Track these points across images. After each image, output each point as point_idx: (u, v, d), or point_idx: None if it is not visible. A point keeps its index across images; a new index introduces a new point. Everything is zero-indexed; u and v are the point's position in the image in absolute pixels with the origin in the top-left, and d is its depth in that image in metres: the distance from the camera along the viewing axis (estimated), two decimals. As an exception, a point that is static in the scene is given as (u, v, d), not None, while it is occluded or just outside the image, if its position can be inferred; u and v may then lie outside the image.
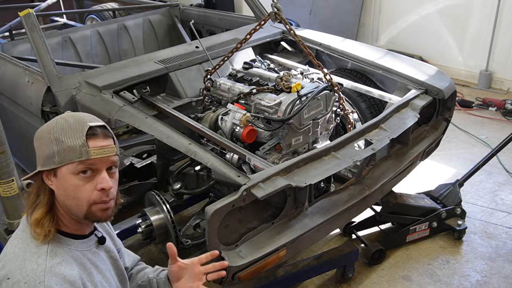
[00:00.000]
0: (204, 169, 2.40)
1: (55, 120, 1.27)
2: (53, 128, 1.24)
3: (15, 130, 3.02)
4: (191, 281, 1.44)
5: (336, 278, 2.70)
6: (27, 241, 1.24)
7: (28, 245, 1.22)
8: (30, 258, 1.19)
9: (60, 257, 1.22)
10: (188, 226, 2.45)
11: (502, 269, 2.77)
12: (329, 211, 2.21)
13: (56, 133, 1.22)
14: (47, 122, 1.30)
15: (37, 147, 1.27)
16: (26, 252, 1.21)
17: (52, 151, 1.22)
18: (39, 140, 1.26)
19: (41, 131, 1.27)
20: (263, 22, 2.66)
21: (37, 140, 1.27)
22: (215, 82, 2.68)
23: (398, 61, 3.02)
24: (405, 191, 3.01)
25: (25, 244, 1.23)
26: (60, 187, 1.24)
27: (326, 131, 2.65)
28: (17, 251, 1.22)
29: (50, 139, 1.23)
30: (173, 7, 4.51)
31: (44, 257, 1.20)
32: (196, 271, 1.46)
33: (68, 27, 4.74)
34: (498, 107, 4.75)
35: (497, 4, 4.98)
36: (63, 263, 1.21)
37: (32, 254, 1.20)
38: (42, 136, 1.25)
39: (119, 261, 1.48)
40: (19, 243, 1.24)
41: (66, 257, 1.23)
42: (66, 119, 1.26)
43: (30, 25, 2.71)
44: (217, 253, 1.53)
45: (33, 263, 1.18)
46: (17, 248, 1.23)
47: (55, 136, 1.22)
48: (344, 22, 6.16)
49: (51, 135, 1.23)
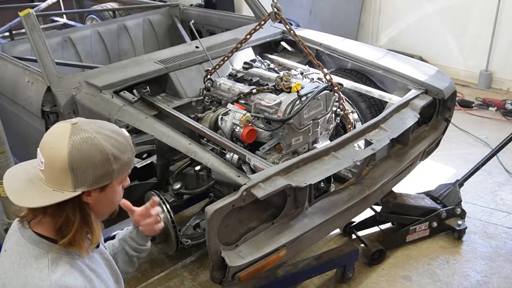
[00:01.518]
0: (204, 169, 2.40)
1: (98, 137, 1.18)
2: (107, 146, 1.18)
3: (15, 130, 3.02)
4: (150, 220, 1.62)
5: (336, 278, 2.71)
6: (25, 256, 1.19)
7: (27, 260, 1.18)
8: (33, 274, 1.16)
9: (62, 268, 1.19)
10: (188, 226, 2.45)
11: (502, 269, 2.77)
12: (329, 211, 2.21)
13: (113, 152, 1.19)
14: (85, 142, 1.17)
15: (84, 169, 1.16)
16: (27, 267, 1.17)
17: (110, 169, 1.19)
18: (86, 160, 1.16)
19: (89, 152, 1.16)
20: (263, 22, 2.66)
21: (82, 161, 1.16)
22: (215, 82, 2.68)
23: (398, 61, 3.02)
24: (405, 191, 3.01)
25: (23, 259, 1.19)
26: (104, 198, 1.24)
27: (326, 131, 2.65)
28: (16, 268, 1.18)
29: (107, 159, 1.18)
30: (173, 7, 4.51)
31: (46, 271, 1.16)
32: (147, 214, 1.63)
33: (68, 27, 4.74)
34: (498, 107, 4.75)
35: (497, 4, 4.98)
36: (66, 274, 1.18)
37: (33, 270, 1.16)
38: (93, 156, 1.16)
39: (112, 261, 1.48)
40: (17, 258, 1.19)
41: (67, 267, 1.21)
42: (111, 136, 1.21)
43: (30, 25, 2.71)
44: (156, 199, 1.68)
45: (37, 279, 1.15)
46: (15, 264, 1.18)
47: (114, 155, 1.19)
48: (344, 22, 6.16)
49: (107, 155, 1.18)
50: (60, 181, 1.16)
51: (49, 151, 1.17)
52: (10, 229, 1.30)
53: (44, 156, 1.17)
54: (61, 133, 1.18)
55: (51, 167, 1.16)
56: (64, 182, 1.16)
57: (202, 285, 2.73)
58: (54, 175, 1.16)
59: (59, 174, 1.16)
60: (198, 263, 2.89)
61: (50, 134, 1.21)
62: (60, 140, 1.16)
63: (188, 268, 2.86)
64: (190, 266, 2.87)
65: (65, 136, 1.16)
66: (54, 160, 1.15)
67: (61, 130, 1.19)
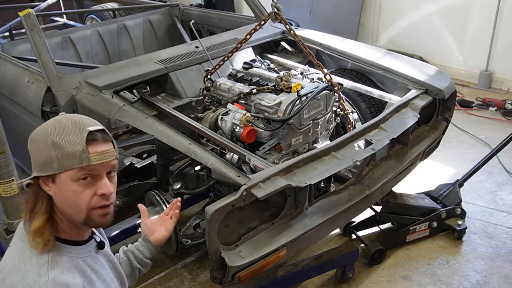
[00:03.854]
0: (204, 169, 2.40)
1: (50, 123, 1.21)
2: (50, 132, 1.18)
3: (15, 130, 3.02)
4: (162, 226, 1.66)
5: (336, 278, 2.70)
6: (26, 251, 1.20)
7: (28, 256, 1.19)
8: (31, 269, 1.16)
9: (62, 266, 1.19)
10: (188, 226, 2.45)
11: (502, 269, 2.77)
12: (329, 211, 2.21)
13: (54, 138, 1.17)
14: (41, 125, 1.23)
15: (32, 151, 1.21)
16: (27, 263, 1.17)
17: (50, 157, 1.17)
18: (33, 143, 1.21)
19: (35, 134, 1.21)
20: (263, 22, 2.66)
21: (31, 143, 1.22)
22: (215, 82, 2.68)
23: (398, 61, 3.02)
24: (405, 191, 3.01)
25: (24, 255, 1.19)
26: (59, 193, 1.20)
27: (326, 131, 2.65)
28: (16, 263, 1.18)
29: (47, 144, 1.17)
30: (173, 7, 4.51)
31: (46, 267, 1.16)
32: (164, 219, 1.68)
33: (68, 27, 4.74)
34: (498, 107, 4.75)
35: (497, 4, 4.98)
36: (65, 272, 1.18)
37: (33, 265, 1.17)
38: (37, 139, 1.20)
39: (118, 264, 1.47)
40: (19, 254, 1.20)
41: (68, 266, 1.21)
42: (63, 123, 1.20)
43: (30, 25, 2.71)
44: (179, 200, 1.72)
45: (35, 274, 1.15)
46: (16, 260, 1.19)
47: (53, 141, 1.17)
48: (344, 22, 6.16)
49: (48, 140, 1.17)
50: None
51: None
52: (19, 225, 1.31)
53: None
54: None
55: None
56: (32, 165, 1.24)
57: (202, 285, 2.73)
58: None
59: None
60: (198, 263, 2.89)
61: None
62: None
63: (188, 268, 2.86)
64: (190, 266, 2.87)
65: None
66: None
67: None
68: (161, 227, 1.65)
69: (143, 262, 1.63)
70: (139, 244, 1.64)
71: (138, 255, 1.62)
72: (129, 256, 1.62)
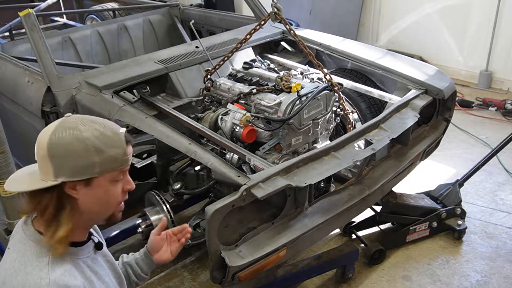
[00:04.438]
0: (204, 169, 2.40)
1: (81, 128, 1.18)
2: (89, 137, 1.17)
3: (15, 130, 3.02)
4: (168, 247, 1.63)
5: (336, 278, 2.70)
6: (26, 253, 1.19)
7: (28, 258, 1.18)
8: (32, 272, 1.16)
9: (63, 267, 1.19)
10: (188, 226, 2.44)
11: (502, 269, 2.77)
12: (329, 211, 2.21)
13: (96, 143, 1.17)
14: (66, 131, 1.17)
15: (63, 156, 1.16)
16: (27, 265, 1.17)
17: (91, 162, 1.16)
18: (64, 148, 1.16)
19: (69, 140, 1.16)
20: (263, 22, 2.66)
21: (60, 148, 1.16)
22: (215, 82, 2.68)
23: (398, 61, 3.02)
24: (405, 191, 3.01)
25: (25, 257, 1.19)
26: (91, 195, 1.21)
27: (326, 131, 2.65)
28: (16, 265, 1.18)
29: (88, 149, 1.16)
30: (173, 7, 4.51)
31: (46, 270, 1.16)
32: (172, 239, 1.65)
33: (68, 27, 4.74)
34: (498, 107, 4.75)
35: (497, 4, 4.98)
36: (66, 274, 1.18)
37: (33, 268, 1.17)
38: (72, 144, 1.16)
39: (116, 264, 1.47)
40: (19, 256, 1.20)
41: (68, 267, 1.21)
42: (97, 128, 1.19)
43: (30, 25, 2.71)
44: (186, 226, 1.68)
45: (36, 277, 1.15)
46: (16, 262, 1.19)
47: (95, 146, 1.17)
48: (344, 22, 6.16)
49: (87, 145, 1.16)
50: (44, 170, 1.18)
51: (37, 140, 1.21)
52: (16, 227, 1.30)
53: (35, 145, 1.21)
54: (51, 125, 1.21)
55: (37, 155, 1.20)
56: (47, 170, 1.18)
57: (202, 285, 2.73)
58: (40, 164, 1.19)
59: (42, 162, 1.18)
60: (198, 263, 2.89)
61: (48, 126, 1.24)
62: (46, 130, 1.20)
63: (188, 268, 2.86)
64: (190, 266, 2.87)
65: (52, 126, 1.20)
66: (38, 148, 1.19)
67: (53, 123, 1.22)
68: (167, 246, 1.63)
69: (140, 277, 1.62)
70: (139, 258, 1.62)
71: (137, 270, 1.61)
72: (128, 269, 1.61)
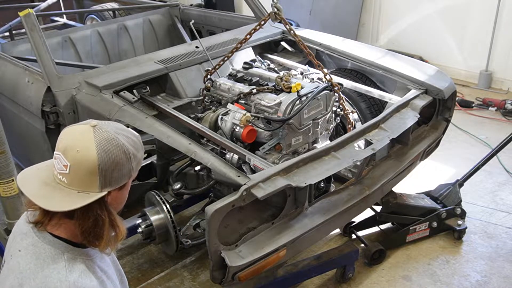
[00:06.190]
0: (204, 169, 2.40)
1: (120, 138, 1.21)
2: (127, 146, 1.21)
3: (15, 130, 3.02)
4: None
5: (336, 278, 2.71)
6: (41, 256, 1.20)
7: (44, 260, 1.19)
8: (51, 275, 1.17)
9: (78, 269, 1.21)
10: (188, 226, 2.45)
11: (502, 269, 2.77)
12: (329, 211, 2.21)
13: (132, 151, 1.23)
14: (110, 142, 1.19)
15: (111, 169, 1.18)
16: (44, 268, 1.18)
17: (130, 168, 1.23)
18: (113, 160, 1.18)
19: (116, 152, 1.19)
20: (263, 22, 2.66)
21: (110, 161, 1.18)
22: (215, 82, 2.68)
23: (398, 61, 3.02)
24: (405, 191, 3.01)
25: (40, 259, 1.20)
26: (120, 196, 1.27)
27: (326, 131, 2.65)
28: (33, 268, 1.18)
29: (129, 159, 1.22)
30: (173, 7, 4.51)
31: (64, 272, 1.18)
32: None
33: (68, 27, 4.74)
34: (498, 107, 4.75)
35: (497, 4, 4.98)
36: (83, 276, 1.20)
37: (51, 270, 1.18)
38: (118, 156, 1.19)
39: (117, 262, 1.49)
40: (33, 258, 1.20)
41: (83, 268, 1.22)
42: (126, 135, 1.24)
43: (30, 25, 2.71)
44: None
45: (55, 280, 1.16)
46: (32, 265, 1.19)
47: (133, 154, 1.23)
48: (344, 22, 6.16)
49: (129, 154, 1.22)
50: (86, 183, 1.17)
51: (75, 155, 1.15)
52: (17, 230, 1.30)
53: (69, 160, 1.16)
54: (83, 136, 1.18)
55: (77, 169, 1.16)
56: (90, 183, 1.17)
57: (202, 285, 2.73)
58: (79, 177, 1.16)
59: (86, 176, 1.16)
60: (198, 263, 2.89)
61: (72, 137, 1.19)
62: (85, 143, 1.16)
63: (188, 268, 2.86)
64: (190, 266, 2.87)
65: (89, 138, 1.17)
66: (82, 163, 1.15)
67: (82, 133, 1.18)
68: None
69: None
70: None
71: None
72: None
